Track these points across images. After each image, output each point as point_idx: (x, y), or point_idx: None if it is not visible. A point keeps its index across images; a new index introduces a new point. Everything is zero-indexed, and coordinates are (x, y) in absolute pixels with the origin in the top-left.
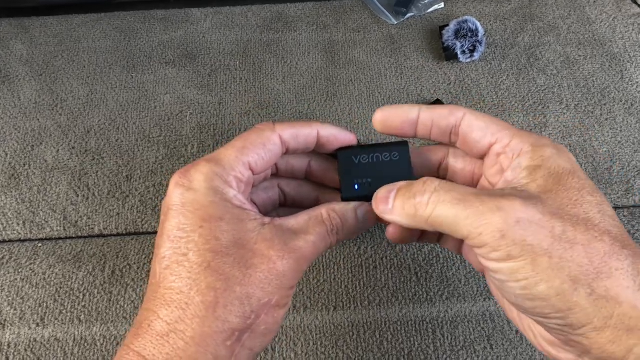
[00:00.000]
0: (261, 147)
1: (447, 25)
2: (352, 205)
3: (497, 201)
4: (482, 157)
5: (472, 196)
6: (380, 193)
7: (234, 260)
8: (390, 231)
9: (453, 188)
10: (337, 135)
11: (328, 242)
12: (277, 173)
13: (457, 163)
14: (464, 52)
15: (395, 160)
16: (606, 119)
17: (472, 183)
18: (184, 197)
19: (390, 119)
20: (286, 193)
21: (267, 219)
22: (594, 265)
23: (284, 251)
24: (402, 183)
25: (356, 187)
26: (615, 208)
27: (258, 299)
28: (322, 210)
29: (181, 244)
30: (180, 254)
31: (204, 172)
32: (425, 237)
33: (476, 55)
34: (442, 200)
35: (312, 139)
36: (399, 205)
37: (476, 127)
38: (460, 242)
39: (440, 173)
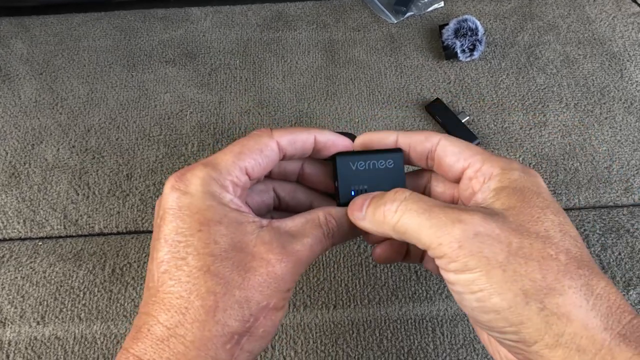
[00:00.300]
0: (258, 153)
1: (447, 24)
2: (349, 210)
3: (459, 214)
4: (457, 180)
5: (437, 208)
6: (357, 201)
7: (232, 263)
8: (377, 252)
9: (421, 199)
10: (334, 141)
11: (324, 245)
12: (269, 175)
13: (438, 187)
14: (463, 51)
15: (390, 168)
16: (605, 118)
17: None
18: (180, 201)
19: (371, 144)
20: (281, 197)
21: (265, 222)
22: (547, 282)
23: (282, 254)
24: (376, 193)
25: (352, 193)
26: (615, 207)
27: (257, 302)
28: (320, 214)
29: (179, 248)
30: (179, 257)
31: (200, 176)
32: (408, 257)
33: (476, 54)
34: (409, 209)
35: (310, 144)
36: (370, 212)
37: (450, 152)
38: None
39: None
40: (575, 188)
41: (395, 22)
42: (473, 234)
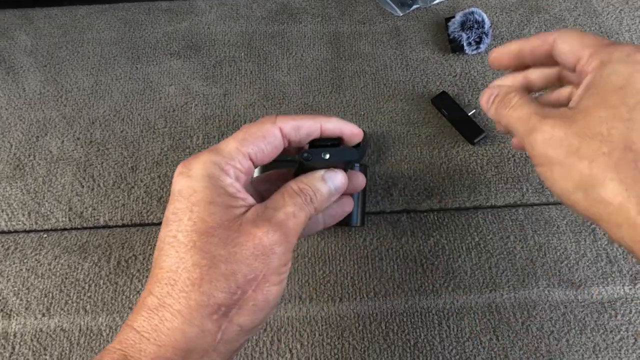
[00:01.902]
0: (261, 139)
1: (453, 17)
2: (318, 172)
3: (538, 122)
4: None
5: (534, 115)
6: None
7: (219, 240)
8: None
9: (527, 103)
10: (342, 128)
11: (307, 212)
12: None
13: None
14: (469, 44)
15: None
16: None
17: None
18: (181, 184)
19: (500, 58)
20: None
21: (252, 203)
22: (593, 176)
23: (267, 226)
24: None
25: (305, 155)
26: None
27: (244, 274)
28: (291, 184)
29: (172, 227)
30: (171, 235)
31: (203, 161)
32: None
33: (482, 47)
34: (516, 108)
35: (315, 131)
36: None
37: (563, 49)
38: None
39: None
40: None
41: (401, 14)
42: (542, 140)
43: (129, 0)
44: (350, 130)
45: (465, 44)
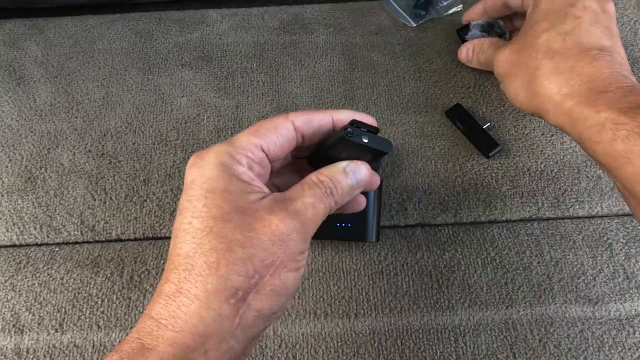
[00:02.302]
0: (273, 131)
1: (466, 27)
2: (341, 165)
3: (496, 50)
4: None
5: (496, 49)
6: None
7: (235, 225)
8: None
9: (494, 44)
10: (355, 118)
11: (327, 205)
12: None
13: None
14: None
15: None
16: None
17: None
18: (195, 174)
19: (470, 17)
20: None
21: (268, 192)
22: (531, 73)
23: (284, 214)
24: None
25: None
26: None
27: (261, 259)
28: (312, 176)
29: (187, 214)
30: (187, 222)
31: (215, 152)
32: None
33: None
34: (488, 49)
35: (327, 124)
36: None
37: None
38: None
39: None
40: (599, 196)
41: (415, 25)
42: (497, 62)
43: (140, 10)
44: (362, 120)
45: None
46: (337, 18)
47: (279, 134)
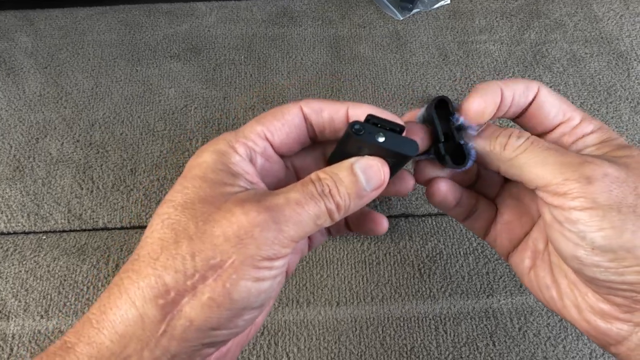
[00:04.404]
0: (280, 117)
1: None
2: (348, 161)
3: (585, 157)
4: (545, 133)
5: (562, 149)
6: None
7: (193, 214)
8: (442, 188)
9: (543, 141)
10: (372, 114)
11: (321, 206)
12: None
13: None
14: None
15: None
16: (612, 117)
17: None
18: (191, 161)
19: (487, 110)
20: None
21: (261, 188)
22: None
23: (252, 206)
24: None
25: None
26: None
27: (206, 257)
28: (313, 173)
29: (165, 199)
30: (160, 207)
31: (220, 138)
32: (459, 206)
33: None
34: (535, 145)
35: (341, 116)
36: (489, 138)
37: (549, 104)
38: (490, 222)
39: None
40: None
41: (401, 18)
42: (602, 174)
43: (129, 2)
44: (384, 116)
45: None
46: (324, 10)
47: (285, 119)
